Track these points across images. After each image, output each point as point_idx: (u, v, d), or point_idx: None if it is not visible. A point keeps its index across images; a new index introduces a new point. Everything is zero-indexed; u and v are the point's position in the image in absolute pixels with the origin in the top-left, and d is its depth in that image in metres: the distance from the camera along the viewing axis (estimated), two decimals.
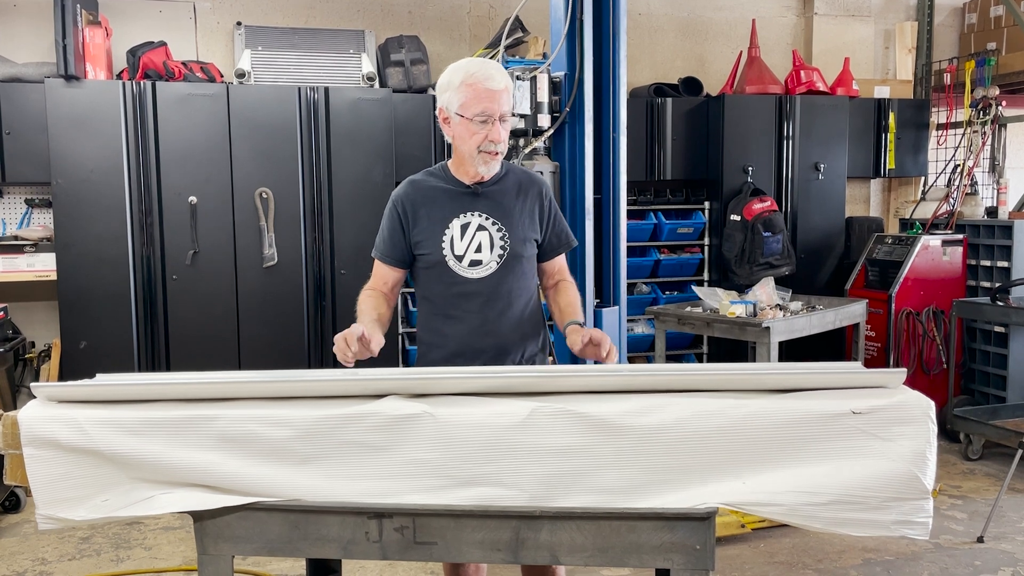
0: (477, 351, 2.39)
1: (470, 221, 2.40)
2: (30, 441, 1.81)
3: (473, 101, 2.29)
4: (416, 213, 2.42)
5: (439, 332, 2.45)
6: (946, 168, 6.08)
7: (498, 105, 2.29)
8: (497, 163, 2.39)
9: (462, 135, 2.34)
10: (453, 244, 2.39)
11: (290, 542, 1.84)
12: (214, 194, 4.78)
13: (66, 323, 4.66)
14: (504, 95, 2.30)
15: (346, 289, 4.95)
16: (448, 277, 2.40)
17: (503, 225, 2.40)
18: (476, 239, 2.39)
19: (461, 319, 2.41)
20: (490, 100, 2.28)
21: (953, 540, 3.86)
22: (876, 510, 1.75)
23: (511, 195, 2.44)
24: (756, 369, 2.20)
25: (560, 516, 1.78)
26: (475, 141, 2.32)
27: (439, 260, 2.39)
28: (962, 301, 5.18)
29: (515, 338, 2.45)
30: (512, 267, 2.40)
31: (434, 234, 2.40)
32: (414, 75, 5.25)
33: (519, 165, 2.66)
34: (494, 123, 2.30)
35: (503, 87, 2.30)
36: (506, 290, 2.40)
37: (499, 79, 2.30)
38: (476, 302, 2.39)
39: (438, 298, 2.44)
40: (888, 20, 6.62)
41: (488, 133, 2.30)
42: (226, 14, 5.36)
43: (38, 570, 3.63)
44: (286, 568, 3.59)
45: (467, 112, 2.30)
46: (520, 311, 2.45)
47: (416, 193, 2.45)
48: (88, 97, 4.60)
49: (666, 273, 5.79)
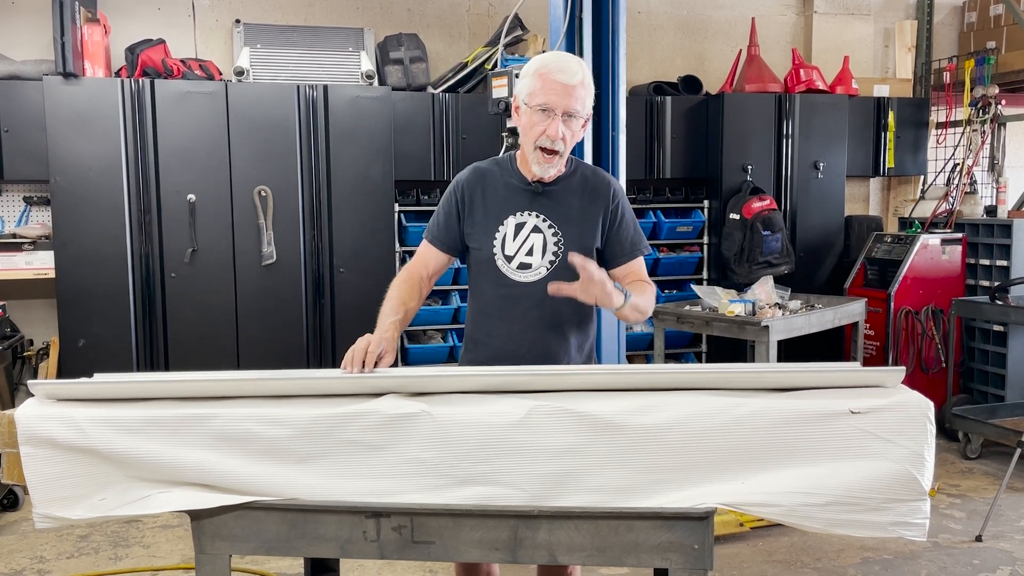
0: (518, 357, 2.26)
1: (526, 221, 2.27)
2: (27, 440, 1.81)
3: (540, 91, 2.16)
4: (473, 203, 2.31)
5: (484, 331, 2.34)
6: (945, 167, 6.08)
7: (563, 99, 2.14)
8: (554, 166, 2.23)
9: (524, 126, 2.22)
10: (504, 243, 2.27)
11: (288, 541, 1.84)
12: (213, 192, 4.78)
13: (64, 321, 4.66)
14: (575, 91, 2.15)
15: (345, 287, 4.94)
16: (495, 277, 2.28)
17: (560, 229, 2.27)
18: (529, 241, 2.26)
19: (505, 322, 2.29)
20: (555, 92, 2.14)
21: (952, 539, 3.86)
22: (874, 511, 1.75)
23: (575, 196, 2.30)
24: (755, 368, 2.20)
25: (558, 515, 1.78)
26: (534, 134, 2.18)
27: (488, 257, 2.28)
28: (961, 300, 5.18)
29: (558, 349, 2.31)
30: (563, 276, 2.20)
31: (487, 229, 2.28)
32: (413, 73, 5.24)
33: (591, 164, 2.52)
34: (555, 117, 2.15)
35: (576, 82, 2.15)
36: (554, 299, 2.17)
37: (574, 72, 2.15)
38: (521, 307, 2.27)
39: (485, 296, 2.33)
40: (888, 19, 6.61)
41: (547, 127, 2.16)
42: (225, 12, 5.35)
43: (36, 568, 3.63)
44: (284, 567, 3.59)
45: (532, 101, 2.17)
46: (568, 323, 2.31)
47: (477, 181, 2.32)
48: (87, 95, 4.59)
49: (665, 272, 5.79)
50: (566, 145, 2.21)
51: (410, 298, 2.26)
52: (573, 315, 2.31)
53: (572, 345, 2.35)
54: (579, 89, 2.17)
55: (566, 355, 2.33)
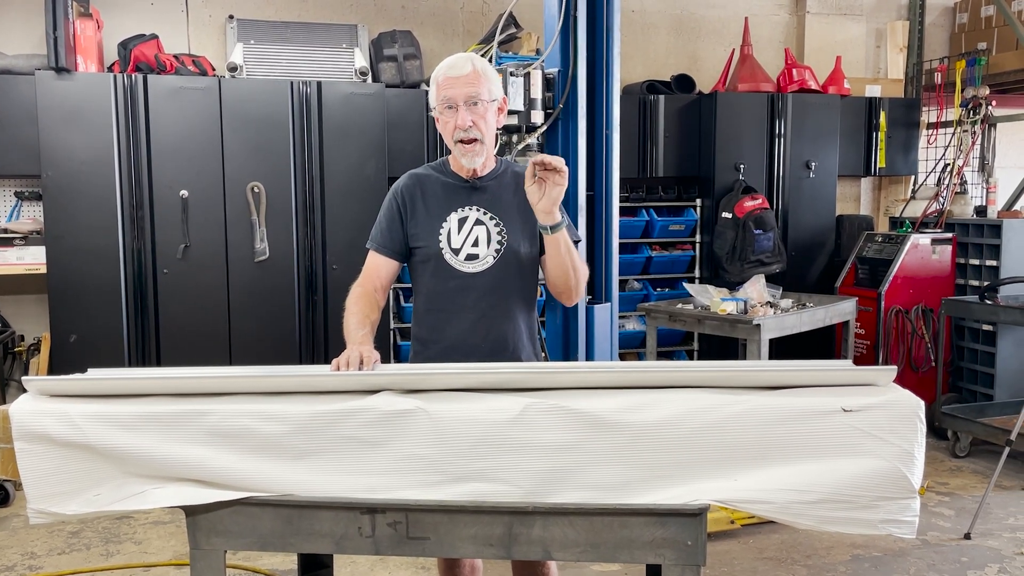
0: (472, 347, 2.34)
1: (467, 215, 2.36)
2: (21, 435, 1.81)
3: (440, 91, 2.27)
4: (414, 204, 2.40)
5: (434, 328, 2.41)
6: (936, 167, 6.11)
7: (460, 91, 2.24)
8: (478, 154, 2.32)
9: (442, 130, 2.33)
10: (450, 237, 2.35)
11: (283, 537, 1.85)
12: (205, 188, 4.77)
13: (56, 316, 4.64)
14: (468, 79, 2.25)
15: (337, 284, 4.94)
16: (444, 271, 2.36)
17: (500, 220, 2.36)
18: (473, 233, 2.36)
19: (456, 314, 2.36)
20: (450, 87, 2.25)
21: (940, 537, 3.89)
22: (864, 509, 1.76)
23: (508, 191, 2.40)
24: (747, 366, 2.21)
25: (552, 512, 1.79)
26: (448, 131, 2.29)
27: (435, 253, 2.36)
28: (951, 299, 5.21)
29: (511, 336, 2.39)
30: (509, 263, 2.36)
31: (431, 227, 2.36)
32: (407, 70, 5.24)
33: (517, 163, 2.61)
34: (457, 108, 2.25)
35: (466, 72, 2.26)
36: (503, 286, 2.35)
37: (462, 65, 2.26)
38: (472, 297, 2.35)
39: (434, 293, 2.39)
40: (879, 19, 6.64)
41: (455, 120, 2.26)
42: (218, 7, 5.34)
43: (27, 564, 3.62)
44: (276, 563, 3.59)
45: (438, 105, 2.29)
46: (517, 310, 2.40)
47: (415, 185, 2.42)
48: (79, 90, 4.58)
49: (657, 270, 5.81)
50: (482, 132, 2.29)
51: (371, 311, 2.32)
52: (521, 302, 2.41)
53: (523, 333, 2.43)
54: (472, 76, 2.26)
55: (520, 343, 2.42)
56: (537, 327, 2.54)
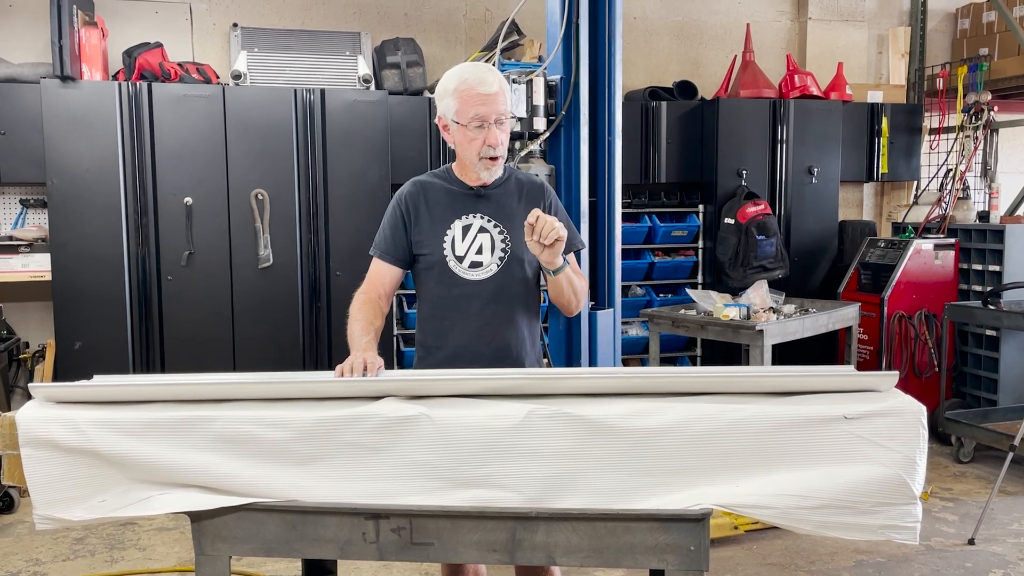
0: (475, 354, 2.35)
1: (472, 223, 2.37)
2: (28, 442, 1.82)
3: (467, 107, 2.25)
4: (418, 212, 2.40)
5: (438, 334, 2.41)
6: (938, 172, 6.11)
7: (492, 109, 2.25)
8: (498, 168, 2.35)
9: (461, 142, 2.32)
10: (454, 245, 2.36)
11: (287, 543, 1.85)
12: (209, 195, 4.78)
13: (61, 323, 4.65)
14: (498, 98, 2.26)
15: (341, 291, 4.94)
16: (448, 278, 2.36)
17: (505, 228, 2.37)
18: (477, 241, 2.36)
19: (460, 321, 2.37)
20: (483, 104, 2.25)
21: (944, 542, 3.89)
22: (865, 514, 1.77)
23: (513, 198, 2.41)
24: (750, 372, 2.22)
25: (556, 517, 1.80)
26: (474, 148, 2.29)
27: (439, 260, 2.36)
28: (954, 305, 5.21)
29: (515, 343, 2.40)
30: (513, 271, 2.37)
31: (435, 234, 2.37)
32: (410, 77, 5.26)
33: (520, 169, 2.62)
34: (490, 127, 2.26)
35: (496, 90, 2.26)
36: (507, 294, 2.36)
37: (492, 82, 2.26)
38: (475, 304, 2.35)
39: (437, 300, 2.40)
40: (881, 25, 6.65)
41: (485, 138, 2.27)
42: (222, 15, 5.36)
43: (32, 571, 3.63)
44: (280, 569, 3.60)
45: (462, 119, 2.27)
46: (521, 317, 2.41)
47: (419, 193, 2.43)
48: (84, 98, 4.60)
49: (660, 276, 5.81)
50: (504, 148, 2.33)
51: (375, 317, 2.33)
52: (525, 309, 2.42)
53: (527, 340, 2.44)
54: (500, 95, 2.28)
55: (523, 350, 2.42)
56: (540, 333, 2.55)
